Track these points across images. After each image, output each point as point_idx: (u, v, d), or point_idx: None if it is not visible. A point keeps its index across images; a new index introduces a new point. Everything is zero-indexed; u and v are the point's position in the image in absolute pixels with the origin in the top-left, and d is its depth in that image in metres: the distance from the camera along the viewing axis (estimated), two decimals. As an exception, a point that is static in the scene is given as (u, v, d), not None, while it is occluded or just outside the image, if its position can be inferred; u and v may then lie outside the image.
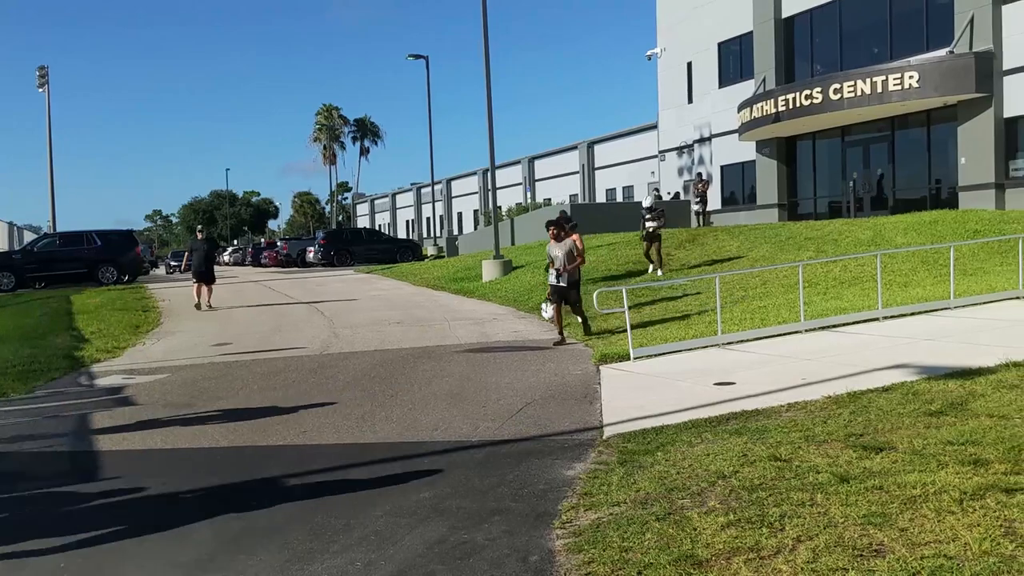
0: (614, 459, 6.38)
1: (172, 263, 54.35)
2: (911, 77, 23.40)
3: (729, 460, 5.92)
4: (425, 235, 74.08)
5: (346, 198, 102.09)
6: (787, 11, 30.25)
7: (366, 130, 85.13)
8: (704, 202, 29.87)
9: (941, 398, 7.21)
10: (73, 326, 17.14)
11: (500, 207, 39.62)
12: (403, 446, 7.49)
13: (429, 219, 75.35)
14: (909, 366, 8.75)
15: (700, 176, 32.46)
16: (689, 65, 35.72)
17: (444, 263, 31.74)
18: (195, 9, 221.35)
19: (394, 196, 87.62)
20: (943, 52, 23.66)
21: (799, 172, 30.74)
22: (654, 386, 9.28)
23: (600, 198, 49.61)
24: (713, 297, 13.11)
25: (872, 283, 14.08)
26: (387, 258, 39.66)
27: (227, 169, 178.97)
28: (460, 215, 72.22)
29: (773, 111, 27.39)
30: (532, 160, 59.53)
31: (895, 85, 23.72)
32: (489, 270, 23.75)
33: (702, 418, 7.38)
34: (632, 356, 10.79)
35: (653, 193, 35.17)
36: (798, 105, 26.35)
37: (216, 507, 6.10)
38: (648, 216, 19.00)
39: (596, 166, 51.40)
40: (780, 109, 27.07)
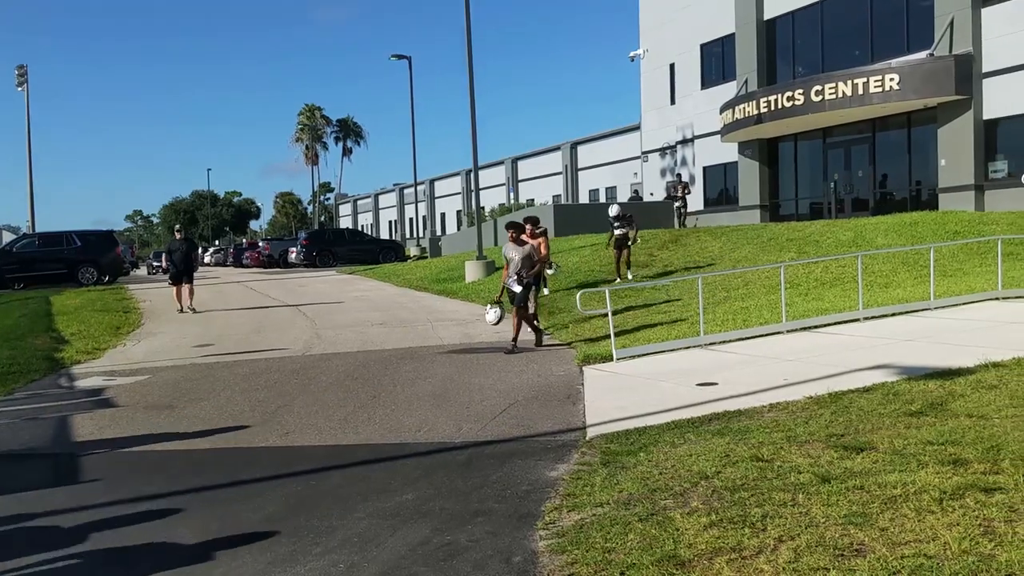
0: (597, 460, 6.39)
1: (155, 263, 53.97)
2: (892, 79, 23.58)
3: (711, 460, 5.94)
4: (408, 236, 73.90)
5: (328, 198, 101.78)
6: (769, 13, 30.40)
7: (349, 130, 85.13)
8: (685, 203, 29.93)
9: (921, 398, 7.27)
10: (53, 327, 16.99)
11: (483, 208, 39.60)
12: (386, 447, 7.48)
13: (412, 220, 75.14)
14: (890, 366, 8.81)
15: (680, 177, 32.56)
16: (672, 66, 35.86)
17: (427, 264, 31.69)
18: (176, 10, 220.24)
19: (377, 197, 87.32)
20: (923, 55, 23.85)
21: (781, 173, 30.90)
22: (637, 387, 9.30)
23: (583, 199, 49.63)
24: (695, 298, 13.15)
25: (853, 284, 14.17)
26: (370, 259, 39.56)
27: (208, 169, 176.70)
28: (443, 216, 72.07)
29: (755, 112, 27.50)
30: (515, 161, 59.49)
31: (876, 87, 23.89)
32: (472, 271, 23.72)
33: (685, 419, 7.41)
34: (615, 357, 10.81)
35: (634, 192, 35.20)
36: (780, 107, 26.47)
37: (197, 509, 6.07)
38: (616, 224, 18.45)
39: (579, 167, 51.44)
40: (762, 111, 27.18)
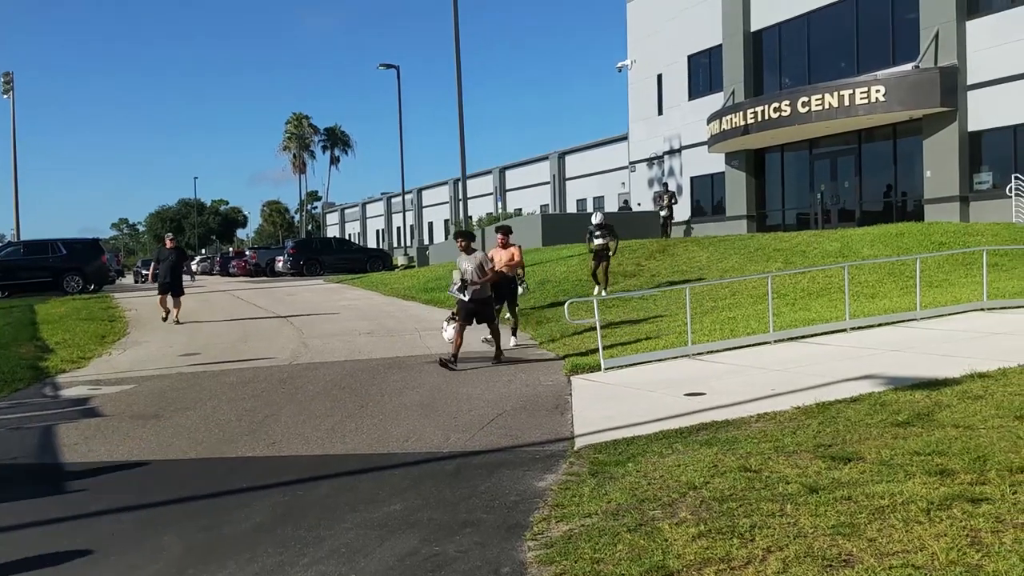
0: (585, 470, 6.39)
1: (143, 272, 53.65)
2: (878, 91, 23.77)
3: (700, 471, 5.94)
4: (395, 245, 73.80)
5: (316, 207, 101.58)
6: (756, 25, 30.61)
7: (336, 139, 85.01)
8: (671, 213, 30.02)
9: (908, 409, 7.30)
10: (37, 336, 16.85)
11: (471, 217, 39.58)
12: (374, 457, 7.45)
13: (399, 229, 75.10)
14: (876, 377, 8.85)
15: (666, 187, 32.66)
16: (659, 77, 36.02)
17: (415, 273, 31.64)
18: (162, 19, 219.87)
19: (364, 206, 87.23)
20: (909, 67, 24.05)
21: (768, 184, 31.06)
22: (625, 397, 9.30)
23: (571, 208, 49.74)
24: (683, 308, 13.18)
25: (840, 294, 14.24)
26: (357, 268, 39.46)
27: (195, 177, 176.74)
28: (431, 225, 72.05)
29: (742, 123, 27.67)
30: (503, 170, 59.58)
31: (862, 99, 24.07)
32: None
33: (673, 429, 7.41)
34: (603, 367, 10.81)
35: (624, 203, 35.25)
36: (767, 118, 26.64)
37: (184, 520, 6.03)
38: (597, 233, 18.04)
39: (567, 176, 51.56)
40: (749, 122, 27.35)
